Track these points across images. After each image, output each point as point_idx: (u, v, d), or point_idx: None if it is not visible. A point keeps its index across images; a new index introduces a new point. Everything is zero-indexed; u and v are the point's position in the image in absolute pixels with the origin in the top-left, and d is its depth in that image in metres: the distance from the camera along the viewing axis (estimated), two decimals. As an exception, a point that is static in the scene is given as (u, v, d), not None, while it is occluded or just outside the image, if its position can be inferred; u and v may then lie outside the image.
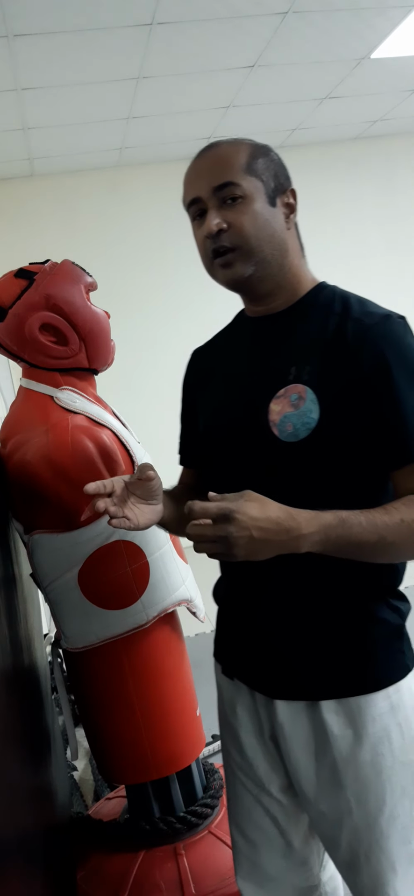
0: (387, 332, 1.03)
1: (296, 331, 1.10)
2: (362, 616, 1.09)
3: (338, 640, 1.09)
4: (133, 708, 1.62)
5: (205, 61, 3.75)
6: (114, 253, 5.15)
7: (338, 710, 1.09)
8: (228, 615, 1.25)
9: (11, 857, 0.86)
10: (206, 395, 1.23)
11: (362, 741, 1.08)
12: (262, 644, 1.15)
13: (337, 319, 1.06)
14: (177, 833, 1.76)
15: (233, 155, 1.07)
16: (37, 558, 1.58)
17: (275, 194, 1.09)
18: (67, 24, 3.11)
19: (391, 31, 3.76)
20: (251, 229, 1.06)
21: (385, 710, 1.08)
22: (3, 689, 1.00)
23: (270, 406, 1.06)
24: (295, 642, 1.11)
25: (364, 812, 1.09)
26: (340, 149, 5.58)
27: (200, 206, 1.08)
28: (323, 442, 1.03)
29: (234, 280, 1.09)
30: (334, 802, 1.11)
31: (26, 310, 1.54)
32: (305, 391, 1.04)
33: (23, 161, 4.77)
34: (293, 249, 1.13)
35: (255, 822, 1.24)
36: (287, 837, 1.24)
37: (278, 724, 1.14)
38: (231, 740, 1.26)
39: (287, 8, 3.32)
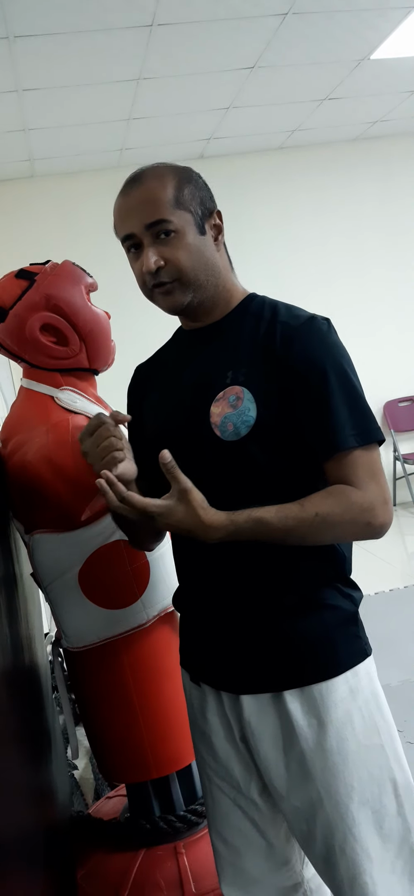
0: (312, 332, 1.11)
1: (230, 338, 1.18)
2: (316, 604, 1.14)
3: (295, 630, 1.13)
4: (133, 707, 1.63)
5: (205, 62, 3.76)
6: (114, 253, 5.14)
7: (301, 700, 1.12)
8: (189, 621, 1.28)
9: (12, 855, 0.86)
10: (150, 406, 1.29)
11: (327, 728, 1.11)
12: (223, 642, 1.18)
13: (266, 324, 1.15)
14: (177, 832, 1.76)
15: (160, 191, 1.13)
16: (37, 558, 1.58)
17: (203, 221, 1.16)
18: (68, 26, 3.12)
19: (391, 31, 3.76)
20: (187, 262, 1.13)
21: (345, 694, 1.12)
22: (4, 688, 1.01)
23: (211, 409, 1.13)
24: (254, 635, 1.15)
25: (335, 801, 1.11)
26: (339, 150, 5.58)
27: (134, 241, 1.15)
28: (262, 437, 1.10)
29: (173, 307, 1.18)
30: (306, 795, 1.13)
31: (27, 310, 1.55)
32: (242, 391, 1.11)
33: (23, 162, 4.78)
34: (224, 267, 1.20)
35: (234, 826, 1.25)
36: (267, 838, 1.25)
37: (246, 722, 1.17)
38: (204, 747, 1.27)
39: (287, 9, 3.32)
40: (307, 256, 5.46)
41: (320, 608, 1.14)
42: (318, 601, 1.14)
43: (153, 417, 1.27)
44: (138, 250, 1.15)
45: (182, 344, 1.29)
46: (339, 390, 1.09)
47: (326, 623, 1.14)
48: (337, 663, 1.13)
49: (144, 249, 1.13)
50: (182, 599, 1.29)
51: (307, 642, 1.13)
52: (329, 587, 1.16)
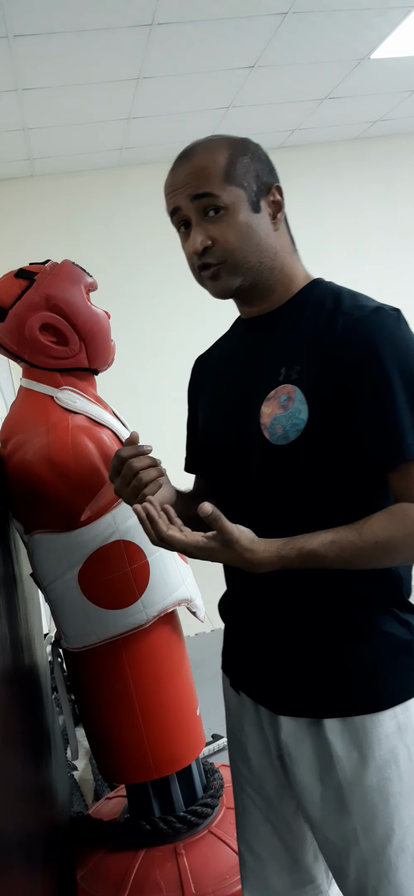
0: (377, 326, 0.99)
1: (286, 330, 1.08)
2: (368, 630, 1.05)
3: (342, 656, 1.05)
4: (133, 708, 1.63)
5: (205, 62, 3.75)
6: (114, 253, 5.15)
7: (342, 730, 1.04)
8: (233, 628, 1.22)
9: (12, 856, 0.86)
10: (205, 402, 1.22)
11: (368, 764, 1.03)
12: (265, 657, 1.12)
13: (327, 315, 1.03)
14: (177, 833, 1.76)
15: (210, 163, 1.03)
16: (37, 558, 1.58)
17: (258, 198, 1.06)
18: (68, 25, 3.12)
19: (391, 31, 3.76)
20: (236, 242, 1.03)
21: (392, 730, 1.03)
22: (4, 688, 1.00)
23: (262, 409, 1.04)
24: (298, 656, 1.07)
25: (371, 841, 1.04)
26: (339, 149, 5.58)
27: (182, 216, 1.06)
28: (313, 443, 1.00)
29: (222, 292, 1.08)
30: (340, 829, 1.06)
31: (26, 310, 1.54)
32: (293, 391, 1.01)
33: (23, 161, 4.78)
34: (283, 248, 1.09)
35: (262, 839, 1.21)
36: (295, 856, 1.21)
37: (283, 742, 1.10)
38: (239, 755, 1.22)
39: (287, 8, 3.32)
40: (307, 255, 5.42)
41: (372, 635, 1.04)
42: (370, 627, 1.05)
43: (205, 414, 1.20)
44: (187, 229, 1.06)
45: (238, 334, 1.19)
46: (404, 392, 0.96)
47: (377, 651, 1.04)
48: (386, 696, 1.03)
49: (192, 227, 1.04)
50: (228, 606, 1.22)
51: (354, 670, 1.04)
52: (384, 612, 1.05)
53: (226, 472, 1.14)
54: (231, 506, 1.08)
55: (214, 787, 1.86)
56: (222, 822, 1.81)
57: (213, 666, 1.32)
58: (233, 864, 1.70)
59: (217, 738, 2.56)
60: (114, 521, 1.54)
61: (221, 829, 1.79)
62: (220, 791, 1.87)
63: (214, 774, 1.91)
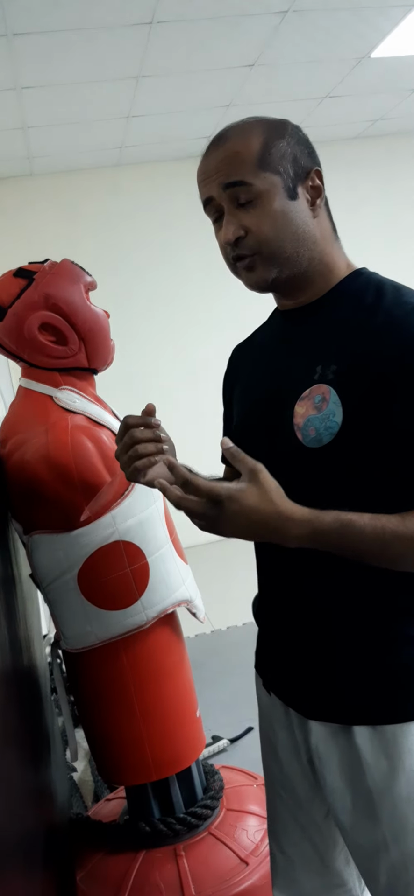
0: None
1: (324, 325, 1.02)
2: (400, 639, 1.01)
3: (374, 663, 1.02)
4: (133, 709, 1.62)
5: (205, 60, 3.75)
6: (114, 252, 5.15)
7: (372, 738, 1.01)
8: (265, 630, 1.19)
9: (11, 857, 0.85)
10: (239, 394, 1.17)
11: (398, 774, 1.00)
12: (297, 660, 1.09)
13: (367, 310, 0.97)
14: (177, 834, 1.75)
15: (243, 149, 0.98)
16: (36, 559, 1.58)
17: (295, 184, 1.00)
18: (67, 23, 3.11)
19: (391, 30, 3.76)
20: (270, 232, 0.98)
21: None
22: (3, 689, 1.00)
23: (295, 408, 0.99)
24: (330, 662, 1.05)
25: (401, 850, 1.02)
26: (340, 148, 5.57)
27: (216, 206, 1.01)
28: (347, 447, 0.95)
29: (258, 284, 1.03)
30: (371, 835, 1.05)
31: (25, 309, 1.54)
32: (328, 392, 0.95)
33: (22, 160, 4.77)
34: (323, 236, 1.03)
35: (293, 839, 1.20)
36: (326, 861, 1.19)
37: (313, 746, 1.09)
38: (271, 755, 1.21)
39: (287, 7, 3.31)
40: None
41: (404, 643, 1.01)
42: (402, 635, 1.01)
43: (239, 406, 1.15)
44: (220, 220, 1.01)
45: (274, 326, 1.13)
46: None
47: (410, 660, 1.00)
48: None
49: (224, 217, 1.00)
50: (261, 608, 1.19)
51: (386, 678, 1.01)
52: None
53: None
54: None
55: (214, 789, 1.86)
56: (222, 823, 1.80)
57: (212, 667, 1.32)
58: (233, 865, 1.69)
59: (217, 740, 2.56)
60: (113, 521, 1.53)
61: (221, 830, 1.78)
62: (220, 793, 1.86)
63: (213, 776, 1.91)
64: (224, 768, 2.07)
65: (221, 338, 1.23)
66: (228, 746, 2.55)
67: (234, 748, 2.54)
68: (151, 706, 1.64)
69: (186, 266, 5.17)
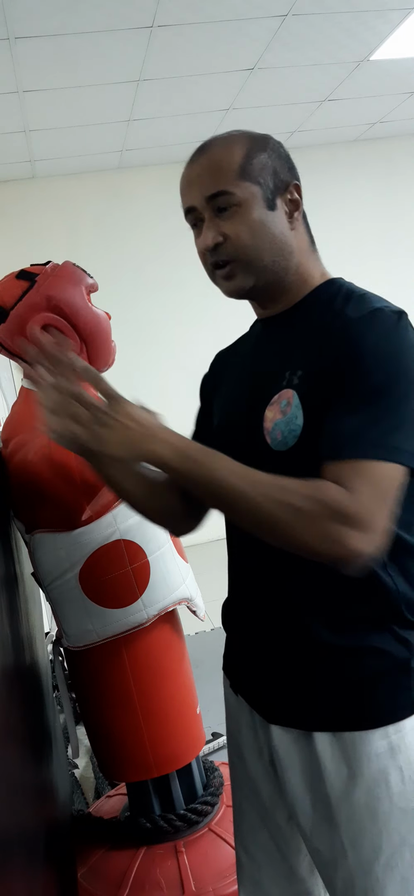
0: (370, 326, 0.94)
1: (295, 332, 1.05)
2: (363, 647, 1.01)
3: (335, 671, 1.02)
4: (134, 706, 1.63)
5: (205, 64, 3.76)
6: (115, 254, 5.16)
7: (332, 744, 1.02)
8: (233, 633, 1.20)
9: (12, 854, 0.86)
10: (220, 399, 1.19)
11: (356, 781, 1.00)
12: (260, 665, 1.11)
13: (332, 317, 0.99)
14: (177, 831, 1.76)
15: (225, 159, 1.01)
16: (38, 557, 1.59)
17: (274, 195, 1.03)
18: (69, 27, 3.12)
19: (390, 33, 3.77)
20: (248, 240, 1.01)
21: (383, 749, 1.00)
22: (5, 687, 1.01)
23: (266, 413, 1.02)
24: (292, 668, 1.05)
25: (358, 857, 1.02)
26: (339, 151, 5.58)
27: (196, 216, 1.04)
28: (309, 450, 0.95)
29: (236, 291, 1.05)
30: (329, 841, 1.05)
31: (27, 311, 1.55)
32: (292, 396, 0.98)
33: (24, 163, 4.78)
34: (300, 247, 1.06)
35: (259, 841, 1.19)
36: (291, 864, 1.19)
37: (274, 749, 1.09)
38: (236, 757, 1.21)
39: (287, 10, 3.33)
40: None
41: (366, 652, 1.01)
42: (365, 644, 1.01)
43: (220, 412, 1.17)
44: (200, 227, 1.04)
45: (255, 334, 1.16)
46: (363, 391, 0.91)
47: (371, 669, 1.01)
48: (377, 714, 1.00)
49: (204, 224, 1.02)
50: (229, 611, 1.20)
51: (346, 685, 1.01)
52: (382, 629, 1.01)
53: None
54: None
55: (215, 785, 1.87)
56: (222, 819, 1.82)
57: (212, 664, 1.33)
58: (233, 861, 1.69)
59: (217, 736, 2.57)
60: (114, 520, 1.54)
61: (222, 826, 1.79)
62: (220, 789, 1.87)
63: (214, 772, 1.92)
64: (224, 765, 2.07)
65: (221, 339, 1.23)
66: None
67: (234, 747, 2.55)
68: (152, 703, 1.65)
69: (187, 269, 5.16)
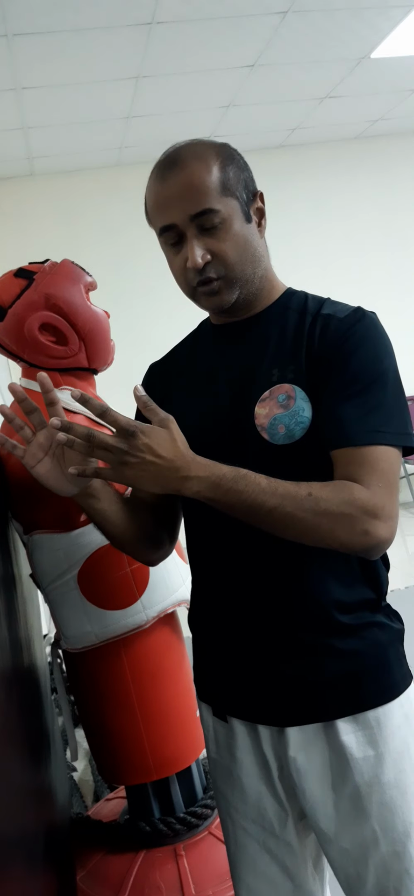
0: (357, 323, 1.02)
1: (270, 334, 1.07)
2: (370, 622, 1.04)
3: (347, 652, 1.03)
4: (133, 708, 1.62)
5: (205, 60, 3.75)
6: (114, 252, 5.15)
7: (356, 730, 1.02)
8: (209, 647, 1.14)
9: (11, 857, 0.85)
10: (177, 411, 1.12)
11: (385, 759, 1.02)
12: (259, 669, 1.06)
13: (312, 318, 1.05)
14: (177, 834, 1.76)
15: (205, 175, 1.00)
16: (36, 559, 1.58)
17: (248, 207, 1.05)
18: (67, 24, 3.11)
19: (391, 30, 3.76)
20: (234, 256, 1.02)
21: (401, 720, 1.03)
22: (3, 689, 1.00)
23: (256, 410, 1.02)
24: (301, 659, 1.03)
25: (391, 839, 1.03)
26: (340, 148, 5.57)
27: (176, 233, 1.03)
28: (318, 439, 1.00)
29: (221, 307, 1.06)
30: (358, 836, 1.04)
31: (26, 309, 1.54)
32: (293, 390, 1.01)
33: (22, 160, 4.77)
34: (266, 254, 1.10)
35: (260, 871, 1.15)
36: (295, 881, 1.15)
37: (290, 759, 1.05)
38: (229, 787, 1.15)
39: (287, 7, 3.32)
40: (307, 255, 5.45)
41: (374, 625, 1.04)
42: (371, 618, 1.05)
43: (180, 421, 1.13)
44: (179, 244, 1.03)
45: (210, 339, 1.17)
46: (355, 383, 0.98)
47: (381, 642, 1.04)
48: (393, 685, 1.03)
49: (189, 242, 1.01)
50: (200, 622, 1.16)
51: (362, 663, 1.03)
52: (379, 607, 1.07)
53: None
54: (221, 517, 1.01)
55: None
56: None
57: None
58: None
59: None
60: (113, 521, 1.53)
61: (221, 830, 1.78)
62: (220, 792, 1.86)
63: (213, 775, 1.91)
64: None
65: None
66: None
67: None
68: (151, 706, 1.64)
69: (186, 266, 5.17)
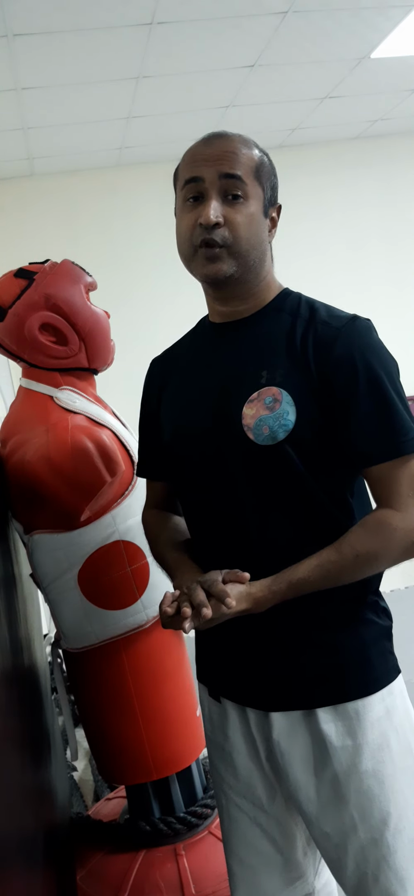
0: (353, 333, 1.04)
1: (263, 335, 1.10)
2: (354, 617, 1.09)
3: (331, 644, 1.08)
4: (133, 708, 1.62)
5: (205, 61, 3.75)
6: (113, 252, 5.14)
7: (336, 719, 1.06)
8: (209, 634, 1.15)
9: (11, 857, 0.85)
10: (168, 405, 1.20)
11: (362, 750, 1.06)
12: (249, 655, 1.12)
13: (304, 324, 1.08)
14: (177, 833, 1.76)
15: (246, 153, 1.07)
16: (36, 558, 1.58)
17: (268, 206, 1.11)
18: (67, 24, 3.11)
19: (391, 30, 3.75)
20: (245, 231, 1.06)
21: (382, 714, 1.07)
22: (3, 689, 1.00)
23: (244, 411, 1.05)
24: (286, 650, 1.09)
25: (369, 827, 1.06)
26: (340, 148, 5.57)
27: (199, 188, 1.06)
28: (300, 442, 1.03)
29: (216, 276, 1.08)
30: (338, 821, 1.08)
31: (26, 309, 1.54)
32: (279, 393, 1.04)
33: (22, 161, 4.77)
34: (269, 261, 1.14)
35: (251, 844, 1.20)
36: (285, 854, 1.21)
37: (274, 742, 1.11)
38: (223, 764, 1.21)
39: (287, 7, 3.31)
40: (306, 255, 5.45)
41: (358, 621, 1.09)
42: (355, 614, 1.09)
43: (172, 415, 1.19)
44: (197, 201, 1.06)
45: (206, 336, 1.20)
46: (393, 392, 1.02)
47: (364, 637, 1.08)
48: (374, 680, 1.08)
49: (208, 200, 1.05)
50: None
51: (344, 656, 1.07)
52: (367, 601, 1.10)
53: (204, 476, 1.12)
54: (211, 508, 1.11)
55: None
56: (222, 822, 1.81)
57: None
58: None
59: (217, 739, 2.56)
60: (113, 521, 1.53)
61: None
62: (220, 792, 1.86)
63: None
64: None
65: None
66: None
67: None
68: (151, 705, 1.64)
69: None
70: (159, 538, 1.23)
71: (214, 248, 1.05)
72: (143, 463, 1.29)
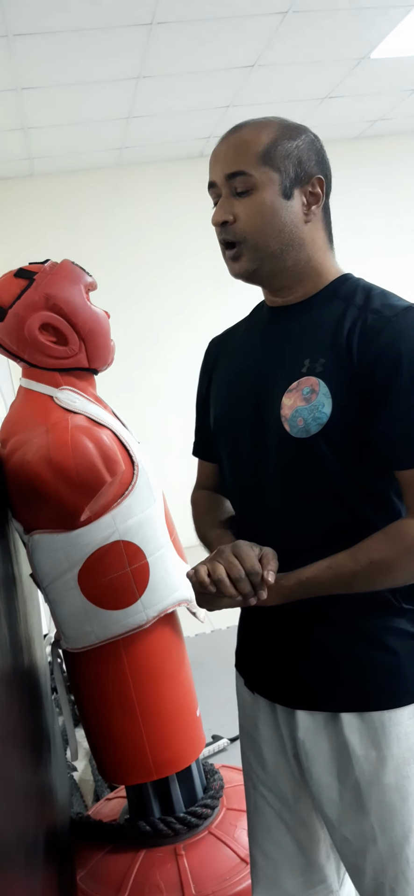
0: (405, 325, 0.97)
1: (312, 322, 1.05)
2: (387, 628, 1.05)
3: (362, 652, 1.04)
4: (133, 708, 1.62)
5: (205, 61, 3.75)
6: (114, 252, 5.14)
7: (360, 728, 1.04)
8: (248, 627, 1.20)
9: (11, 857, 0.85)
10: (219, 387, 1.19)
11: (386, 762, 1.03)
12: (281, 653, 1.11)
13: (356, 311, 1.01)
14: (177, 834, 1.76)
15: (252, 141, 1.02)
16: (36, 558, 1.58)
17: (293, 185, 1.03)
18: (67, 24, 3.11)
19: (391, 30, 3.76)
20: (256, 224, 1.02)
21: (411, 729, 1.03)
22: (3, 689, 1.00)
23: (283, 400, 1.02)
24: (316, 652, 1.07)
25: (389, 840, 1.04)
26: (340, 148, 5.53)
27: (216, 192, 1.06)
28: (334, 437, 0.99)
29: (239, 273, 1.07)
30: (358, 828, 1.06)
31: (26, 309, 1.54)
32: (317, 384, 0.99)
33: (23, 161, 4.77)
34: (313, 241, 1.06)
35: (275, 839, 1.20)
36: (308, 856, 1.20)
37: (299, 741, 1.10)
38: (253, 755, 1.21)
39: (287, 7, 3.31)
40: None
41: (391, 632, 1.04)
42: (389, 625, 1.04)
43: (218, 397, 1.17)
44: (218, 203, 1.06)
45: (260, 320, 1.16)
46: (410, 392, 0.95)
47: (396, 648, 1.04)
48: (405, 692, 1.03)
49: (219, 201, 1.05)
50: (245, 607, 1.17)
51: (373, 665, 1.04)
52: (402, 612, 1.05)
53: (240, 460, 1.12)
54: (244, 494, 1.11)
55: (214, 788, 1.86)
56: (222, 822, 1.81)
57: (212, 666, 1.32)
58: (233, 864, 1.69)
59: (217, 739, 2.56)
60: (113, 521, 1.53)
61: (221, 829, 1.78)
62: (220, 792, 1.86)
63: (214, 775, 1.91)
64: (224, 767, 2.07)
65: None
66: (228, 746, 2.55)
67: (234, 747, 2.54)
68: (151, 706, 1.64)
69: (187, 266, 5.17)
70: (203, 518, 1.22)
71: (232, 248, 1.05)
72: (196, 443, 1.30)
